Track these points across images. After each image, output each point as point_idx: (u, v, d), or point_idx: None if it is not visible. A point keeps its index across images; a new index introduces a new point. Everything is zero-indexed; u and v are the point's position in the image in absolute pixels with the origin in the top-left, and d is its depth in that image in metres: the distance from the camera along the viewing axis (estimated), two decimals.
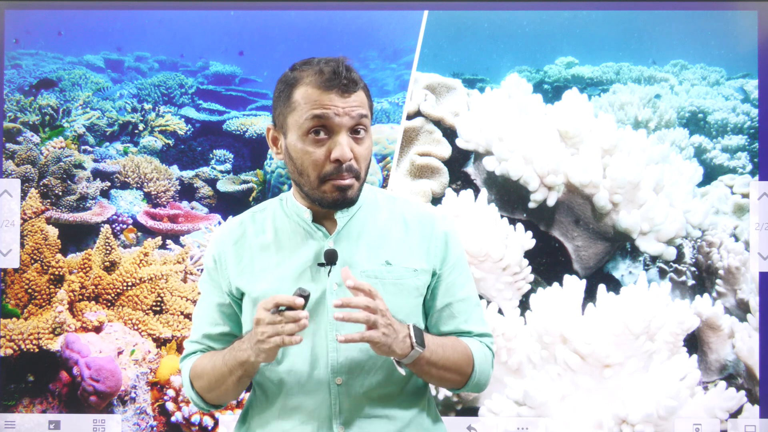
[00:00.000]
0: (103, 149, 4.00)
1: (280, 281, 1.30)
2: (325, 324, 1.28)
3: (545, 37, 4.00)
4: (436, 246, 1.35)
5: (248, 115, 4.50)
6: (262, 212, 1.39)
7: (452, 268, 1.37)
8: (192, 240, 3.30)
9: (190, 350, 1.41)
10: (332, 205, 1.28)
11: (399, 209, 1.38)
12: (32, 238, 2.82)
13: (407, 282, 1.31)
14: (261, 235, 1.35)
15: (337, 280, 1.29)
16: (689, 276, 3.14)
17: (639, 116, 3.99)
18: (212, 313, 1.39)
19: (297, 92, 1.28)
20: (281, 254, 1.32)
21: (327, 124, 1.25)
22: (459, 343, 1.34)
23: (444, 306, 1.37)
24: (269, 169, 3.84)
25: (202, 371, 1.34)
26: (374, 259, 1.31)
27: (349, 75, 1.27)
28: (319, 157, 1.25)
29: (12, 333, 2.60)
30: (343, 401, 1.28)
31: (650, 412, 2.26)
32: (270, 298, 1.17)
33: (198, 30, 4.13)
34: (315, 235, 1.32)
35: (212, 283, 1.38)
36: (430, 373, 1.29)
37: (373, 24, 3.84)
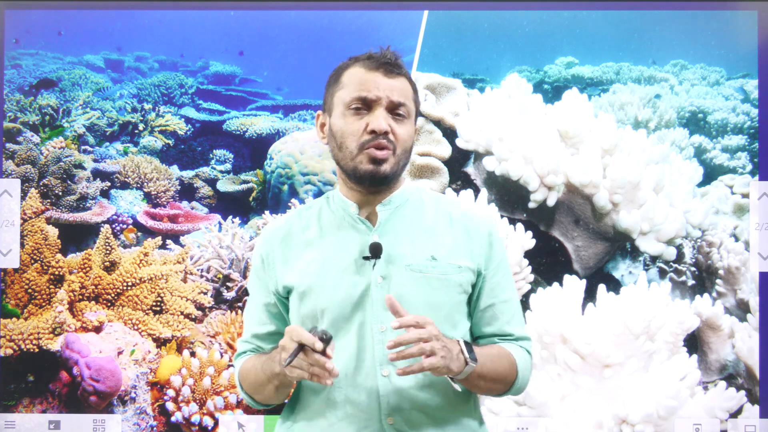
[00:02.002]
0: (103, 149, 4.00)
1: (325, 275, 1.31)
2: (370, 317, 1.28)
3: (545, 37, 4.00)
4: (480, 246, 1.36)
5: (248, 115, 4.50)
6: (308, 210, 1.42)
7: (496, 269, 1.38)
8: (192, 240, 3.30)
9: (241, 350, 1.44)
10: (367, 176, 1.30)
11: (445, 207, 1.40)
12: (32, 238, 2.82)
13: (451, 278, 1.32)
14: (306, 231, 1.37)
15: (381, 273, 1.29)
16: (689, 276, 3.14)
17: (639, 116, 3.99)
18: (259, 313, 1.41)
19: (346, 74, 1.34)
20: (326, 248, 1.34)
21: (367, 98, 1.30)
22: (504, 352, 1.35)
23: (487, 307, 1.38)
24: (269, 169, 3.85)
25: (248, 374, 1.38)
26: (419, 254, 1.32)
27: (394, 60, 1.34)
28: (358, 128, 1.30)
29: (12, 333, 2.60)
30: (390, 394, 1.28)
31: (650, 412, 2.26)
32: (295, 330, 1.17)
33: (198, 30, 4.13)
34: (359, 228, 1.34)
35: (259, 282, 1.41)
36: (479, 385, 1.30)
37: (373, 24, 3.84)
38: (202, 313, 3.01)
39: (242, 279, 3.08)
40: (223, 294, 3.09)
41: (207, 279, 3.12)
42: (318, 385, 1.33)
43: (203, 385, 2.65)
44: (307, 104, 4.54)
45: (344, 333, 1.29)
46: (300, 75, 4.60)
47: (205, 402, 2.64)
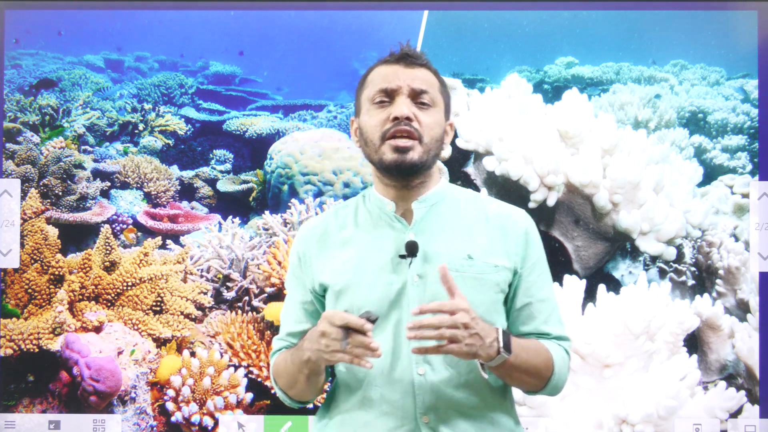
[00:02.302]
0: (103, 149, 4.00)
1: (361, 274, 1.32)
2: (407, 316, 1.28)
3: (545, 37, 4.00)
4: (516, 244, 1.35)
5: (248, 115, 4.50)
6: (344, 208, 1.42)
7: (532, 268, 1.37)
8: (192, 240, 3.30)
9: (276, 347, 1.44)
10: (393, 165, 1.29)
11: (481, 206, 1.39)
12: (32, 238, 2.82)
13: (488, 277, 1.31)
14: (343, 229, 1.38)
15: (418, 271, 1.29)
16: (689, 276, 3.14)
17: (639, 116, 3.99)
18: (296, 311, 1.42)
19: (370, 74, 1.36)
20: (362, 247, 1.34)
21: (388, 90, 1.31)
22: (541, 347, 1.33)
23: (523, 306, 1.36)
24: (269, 169, 3.85)
25: (279, 368, 1.39)
26: (456, 253, 1.31)
27: (413, 51, 1.35)
28: (381, 119, 1.30)
29: (12, 333, 2.60)
30: (426, 393, 1.28)
31: (650, 412, 2.26)
32: (337, 315, 1.17)
33: (198, 30, 4.14)
34: (395, 226, 1.34)
35: (296, 281, 1.42)
36: (511, 375, 1.29)
37: (373, 24, 3.84)
38: (202, 313, 3.01)
39: (242, 279, 3.08)
40: (223, 294, 3.09)
41: (207, 279, 3.12)
42: (354, 383, 1.33)
43: (203, 385, 2.65)
44: (307, 104, 4.54)
45: (380, 331, 1.29)
46: (300, 75, 4.61)
47: (205, 402, 2.64)
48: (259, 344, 2.83)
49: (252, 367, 2.76)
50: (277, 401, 2.71)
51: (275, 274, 2.83)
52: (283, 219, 3.22)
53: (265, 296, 3.03)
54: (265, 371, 2.74)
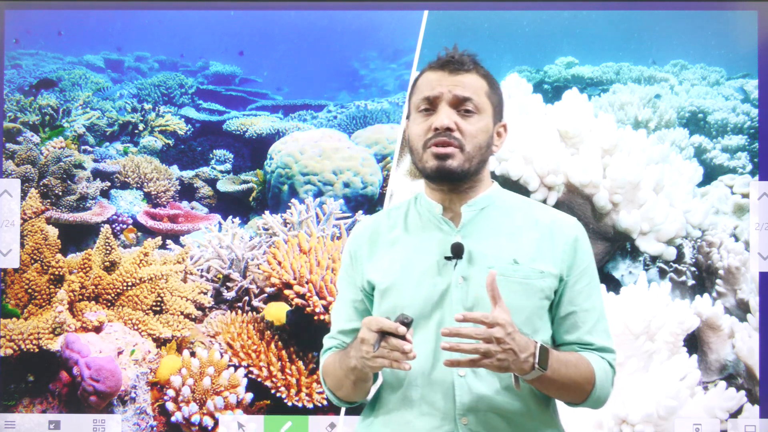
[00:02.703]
0: (103, 149, 4.00)
1: (407, 274, 1.33)
2: (449, 318, 1.28)
3: (545, 37, 4.00)
4: (564, 251, 1.34)
5: (248, 115, 4.50)
6: (396, 209, 1.43)
7: (579, 277, 1.35)
8: (192, 240, 3.29)
9: (327, 346, 1.45)
10: (434, 174, 1.30)
11: (532, 212, 1.39)
12: (32, 238, 2.82)
13: (533, 283, 1.30)
14: (393, 230, 1.39)
15: (462, 273, 1.30)
16: (689, 276, 3.14)
17: (639, 116, 3.99)
18: (347, 309, 1.43)
19: (419, 80, 1.36)
20: (410, 247, 1.35)
21: (432, 98, 1.31)
22: (582, 361, 1.31)
23: (567, 314, 1.35)
24: (269, 169, 3.84)
25: (328, 371, 1.40)
26: (502, 257, 1.31)
27: (460, 57, 1.33)
28: (423, 129, 1.31)
29: (12, 333, 2.60)
30: (466, 394, 1.28)
31: (650, 412, 2.26)
32: (373, 320, 1.19)
33: (198, 30, 4.13)
34: (443, 228, 1.34)
35: (348, 279, 1.43)
36: (548, 389, 1.29)
37: (373, 24, 3.85)
38: (202, 313, 3.01)
39: (242, 279, 3.08)
40: (223, 294, 3.09)
41: (207, 279, 3.12)
42: (396, 383, 1.34)
43: (203, 385, 2.65)
44: (307, 104, 4.54)
45: (423, 332, 1.29)
46: (300, 75, 4.60)
47: (205, 402, 2.64)
48: (259, 344, 2.83)
49: (252, 367, 2.76)
50: (277, 401, 2.71)
51: (275, 274, 2.83)
52: (283, 219, 3.22)
53: (265, 296, 3.03)
54: (265, 371, 2.74)
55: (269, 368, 2.74)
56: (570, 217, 1.41)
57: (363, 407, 1.45)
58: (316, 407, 2.69)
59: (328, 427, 2.68)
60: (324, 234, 3.13)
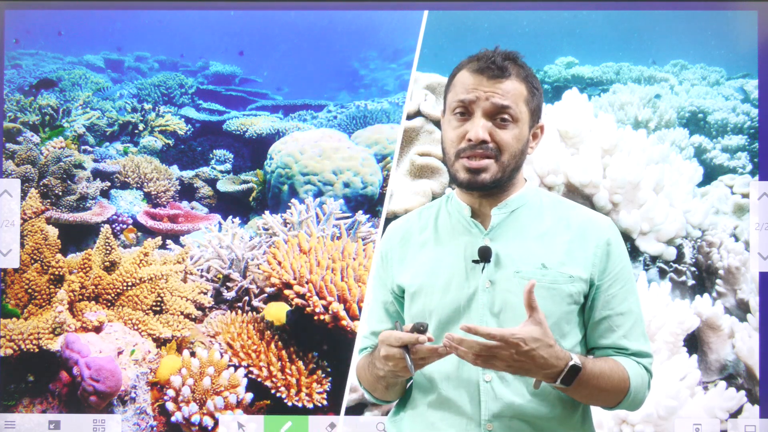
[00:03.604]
0: (103, 149, 4.00)
1: (436, 277, 1.32)
2: (476, 321, 1.28)
3: (545, 37, 4.00)
4: (595, 254, 1.31)
5: (248, 115, 4.50)
6: (428, 210, 1.42)
7: (613, 280, 1.31)
8: (192, 240, 3.29)
9: (362, 345, 1.47)
10: (465, 184, 1.29)
11: (564, 213, 1.36)
12: (32, 238, 2.82)
13: (561, 288, 1.27)
14: (424, 231, 1.38)
15: (490, 277, 1.28)
16: (689, 276, 3.14)
17: (639, 116, 3.99)
18: (378, 310, 1.44)
19: (457, 76, 1.33)
20: (439, 250, 1.34)
21: (468, 104, 1.28)
22: (617, 370, 1.28)
23: (602, 319, 1.32)
24: (269, 169, 3.84)
25: (361, 374, 1.43)
26: (530, 261, 1.29)
27: (501, 63, 1.28)
28: (456, 135, 1.28)
29: (12, 333, 2.60)
30: (491, 400, 1.27)
31: (650, 412, 2.26)
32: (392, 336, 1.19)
33: (198, 30, 4.13)
34: (472, 231, 1.33)
35: (379, 280, 1.44)
36: (572, 396, 1.27)
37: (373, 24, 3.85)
38: (202, 313, 3.01)
39: (242, 279, 3.08)
40: (223, 294, 3.09)
41: (207, 279, 3.12)
42: (424, 384, 1.34)
43: (203, 385, 2.65)
44: (307, 104, 4.54)
45: None
46: (300, 75, 4.60)
47: (205, 402, 2.64)
48: (259, 344, 2.83)
49: (252, 367, 2.76)
50: (277, 401, 2.72)
51: (275, 274, 2.83)
52: (283, 219, 3.22)
53: (265, 296, 3.03)
54: (265, 371, 2.74)
55: (269, 368, 2.74)
56: (604, 217, 1.37)
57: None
58: (316, 407, 2.69)
59: (328, 427, 2.68)
60: (324, 234, 3.13)
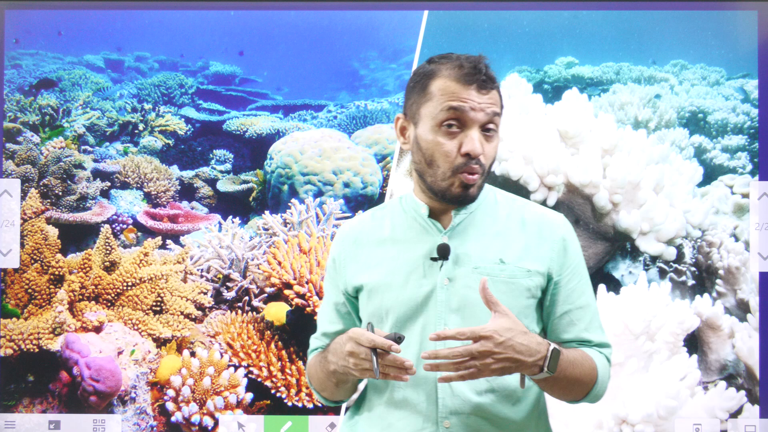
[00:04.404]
0: (103, 149, 4.00)
1: (393, 274, 1.32)
2: (434, 319, 1.28)
3: (545, 37, 4.00)
4: (553, 250, 1.33)
5: (248, 115, 4.50)
6: (381, 210, 1.42)
7: (572, 275, 1.35)
8: (192, 240, 3.30)
9: (313, 346, 1.47)
10: (455, 199, 1.28)
11: (519, 210, 1.37)
12: (32, 238, 2.82)
13: (520, 282, 1.29)
14: (378, 231, 1.38)
15: (448, 274, 1.29)
16: (689, 276, 3.14)
17: (639, 116, 3.99)
18: (330, 311, 1.43)
19: (434, 84, 1.28)
20: (396, 248, 1.34)
21: (461, 117, 1.25)
22: (587, 359, 1.31)
23: (563, 313, 1.34)
24: (269, 169, 3.85)
25: (311, 372, 1.42)
26: (488, 257, 1.30)
27: (489, 72, 1.27)
28: (451, 150, 1.25)
29: (12, 333, 2.60)
30: (449, 397, 1.28)
31: (650, 412, 2.26)
32: (364, 335, 1.17)
33: (198, 30, 4.13)
34: (430, 230, 1.33)
35: (331, 282, 1.43)
36: (552, 388, 1.28)
37: (373, 24, 3.85)
38: (202, 313, 3.01)
39: (242, 279, 3.08)
40: (223, 294, 3.09)
41: (207, 279, 3.12)
42: (381, 385, 1.34)
43: (203, 385, 2.65)
44: (307, 104, 4.54)
45: (407, 334, 1.29)
46: (300, 75, 4.60)
47: (205, 402, 2.64)
48: (259, 344, 2.83)
49: (252, 367, 2.76)
50: (277, 401, 2.72)
51: (275, 274, 2.83)
52: (283, 219, 3.22)
53: (265, 296, 3.03)
54: (265, 371, 2.74)
55: (269, 368, 2.74)
56: (557, 214, 1.39)
57: None
58: (316, 407, 2.69)
59: (328, 427, 2.68)
60: (324, 234, 3.13)
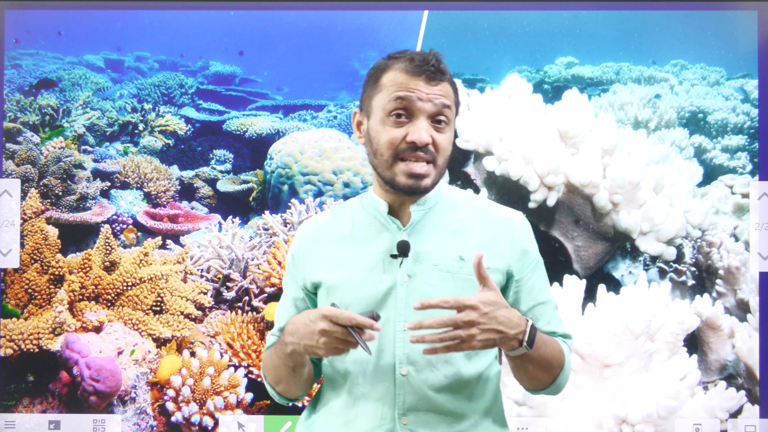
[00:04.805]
0: (103, 149, 4.00)
1: (354, 271, 1.32)
2: (394, 315, 1.28)
3: (545, 37, 4.00)
4: (512, 248, 1.34)
5: (248, 115, 4.50)
6: (342, 208, 1.43)
7: (532, 272, 1.37)
8: (192, 240, 3.30)
9: (269, 342, 1.45)
10: (405, 189, 1.29)
11: (478, 208, 1.39)
12: (32, 238, 2.82)
13: None
14: (339, 228, 1.38)
15: (408, 271, 1.29)
16: (689, 276, 3.14)
17: (639, 116, 3.99)
18: (288, 307, 1.43)
19: (386, 76, 1.30)
20: (357, 245, 1.34)
21: (408, 107, 1.26)
22: (557, 344, 1.34)
23: (528, 310, 1.36)
24: (269, 169, 3.85)
25: (267, 365, 1.41)
26: (448, 254, 1.31)
27: (438, 65, 1.28)
28: (396, 137, 1.27)
29: (12, 333, 2.60)
30: (407, 393, 1.28)
31: (650, 412, 2.26)
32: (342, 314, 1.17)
33: (198, 30, 4.13)
34: (390, 227, 1.34)
35: (290, 278, 1.43)
36: (525, 367, 1.29)
37: (373, 24, 3.84)
38: (202, 313, 3.01)
39: (242, 279, 3.08)
40: (223, 294, 3.09)
41: (207, 279, 3.12)
42: (338, 382, 1.35)
43: (203, 385, 2.65)
44: (307, 104, 4.54)
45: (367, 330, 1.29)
46: (300, 75, 4.60)
47: (205, 402, 2.64)
48: (259, 344, 2.83)
49: (252, 367, 2.76)
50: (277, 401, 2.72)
51: (275, 274, 2.83)
52: (283, 219, 3.22)
53: (265, 296, 3.03)
54: None
55: None
56: (516, 213, 1.41)
57: None
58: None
59: None
60: None
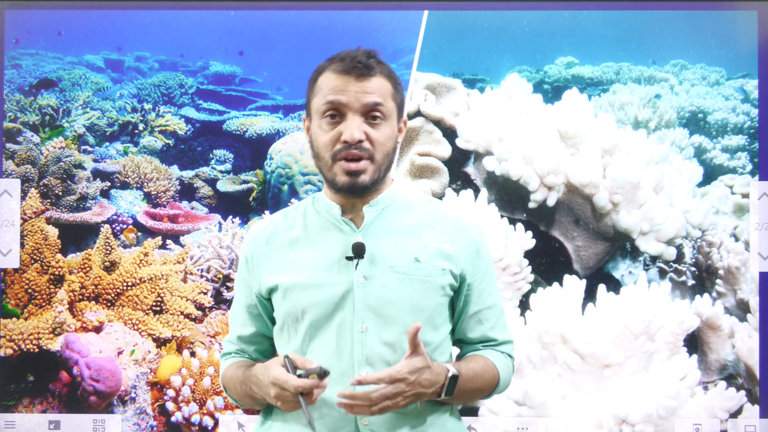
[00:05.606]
0: (103, 149, 4.00)
1: (310, 274, 1.31)
2: (351, 317, 1.29)
3: (545, 37, 3.99)
4: (467, 252, 1.36)
5: (248, 115, 4.50)
6: (294, 210, 1.42)
7: (483, 276, 1.39)
8: (192, 240, 3.30)
9: (227, 350, 1.46)
10: (344, 188, 1.29)
11: (433, 210, 1.39)
12: (32, 238, 2.82)
13: (435, 280, 1.31)
14: (291, 230, 1.37)
15: (364, 273, 1.29)
16: (689, 276, 3.14)
17: (639, 116, 3.99)
18: (242, 314, 1.42)
19: (320, 78, 1.31)
20: (311, 248, 1.34)
21: (339, 107, 1.27)
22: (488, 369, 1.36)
23: (474, 313, 1.38)
24: (269, 169, 3.84)
25: (229, 385, 1.40)
26: (403, 255, 1.31)
27: (367, 61, 1.28)
28: (330, 138, 1.27)
29: (12, 333, 2.60)
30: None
31: (650, 412, 2.26)
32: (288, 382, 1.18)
33: (198, 30, 4.13)
34: (343, 229, 1.33)
35: (243, 283, 1.42)
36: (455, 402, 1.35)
37: (373, 24, 3.84)
38: (202, 313, 3.01)
39: None
40: (223, 294, 3.09)
41: (207, 279, 3.12)
42: None
43: (203, 385, 2.65)
44: None
45: (323, 332, 1.30)
46: (300, 75, 4.59)
47: (205, 402, 2.64)
48: None
49: None
50: None
51: None
52: None
53: None
54: None
55: None
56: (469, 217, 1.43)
57: None
58: None
59: None
60: None
